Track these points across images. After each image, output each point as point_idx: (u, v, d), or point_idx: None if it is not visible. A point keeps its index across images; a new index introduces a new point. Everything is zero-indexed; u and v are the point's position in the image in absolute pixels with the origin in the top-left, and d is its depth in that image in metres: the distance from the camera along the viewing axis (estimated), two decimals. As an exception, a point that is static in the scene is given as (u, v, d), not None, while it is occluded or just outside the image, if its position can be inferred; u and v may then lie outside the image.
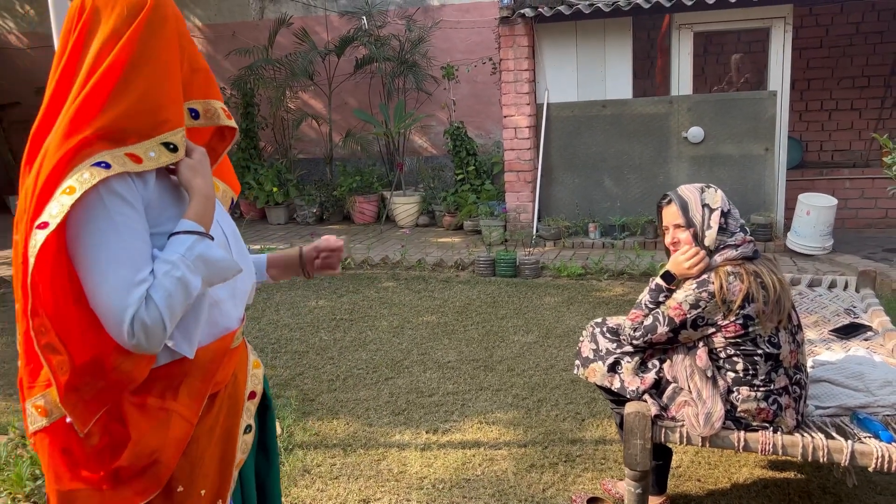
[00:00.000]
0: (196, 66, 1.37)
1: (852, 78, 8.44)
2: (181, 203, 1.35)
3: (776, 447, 2.36)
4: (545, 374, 4.25)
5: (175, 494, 1.34)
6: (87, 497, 1.28)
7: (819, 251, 6.66)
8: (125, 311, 1.18)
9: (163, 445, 1.29)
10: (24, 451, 3.30)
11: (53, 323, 1.19)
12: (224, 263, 1.31)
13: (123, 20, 1.25)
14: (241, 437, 1.46)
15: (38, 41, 11.24)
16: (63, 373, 1.20)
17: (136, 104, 1.24)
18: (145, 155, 1.24)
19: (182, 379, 1.33)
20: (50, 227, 1.15)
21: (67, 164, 1.18)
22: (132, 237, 1.21)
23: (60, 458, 1.29)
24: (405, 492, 3.05)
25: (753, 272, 2.36)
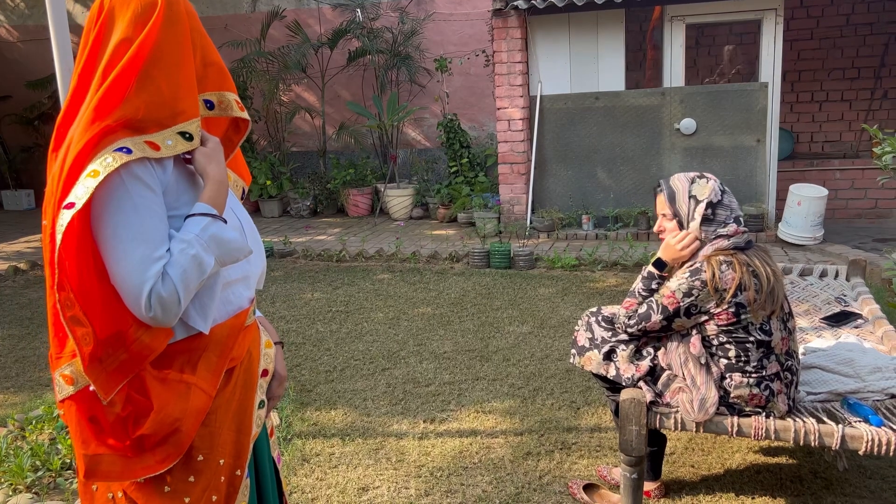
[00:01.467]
0: (209, 60, 1.44)
1: (842, 69, 8.50)
2: (196, 188, 1.42)
3: (769, 432, 2.40)
4: (540, 363, 4.29)
5: (195, 463, 1.41)
6: (111, 462, 1.36)
7: (810, 241, 6.73)
8: (143, 285, 1.26)
9: (183, 415, 1.36)
10: (24, 442, 3.33)
11: (78, 297, 1.27)
12: (236, 244, 1.39)
13: (139, 17, 1.32)
14: (255, 410, 1.53)
15: (28, 34, 11.18)
16: (87, 344, 1.28)
17: (154, 96, 1.31)
18: (163, 143, 1.32)
19: (200, 354, 1.41)
20: (76, 207, 1.23)
21: (92, 150, 1.26)
22: (151, 217, 1.29)
23: (87, 424, 1.37)
24: (403, 479, 3.09)
25: (745, 262, 2.41)
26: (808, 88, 8.67)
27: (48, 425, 3.42)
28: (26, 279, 6.87)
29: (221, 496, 1.44)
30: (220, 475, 1.44)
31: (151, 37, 1.32)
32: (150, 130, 1.31)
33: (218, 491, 1.44)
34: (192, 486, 1.41)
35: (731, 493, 2.92)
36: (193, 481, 1.41)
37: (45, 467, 3.11)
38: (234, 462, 1.46)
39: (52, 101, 10.77)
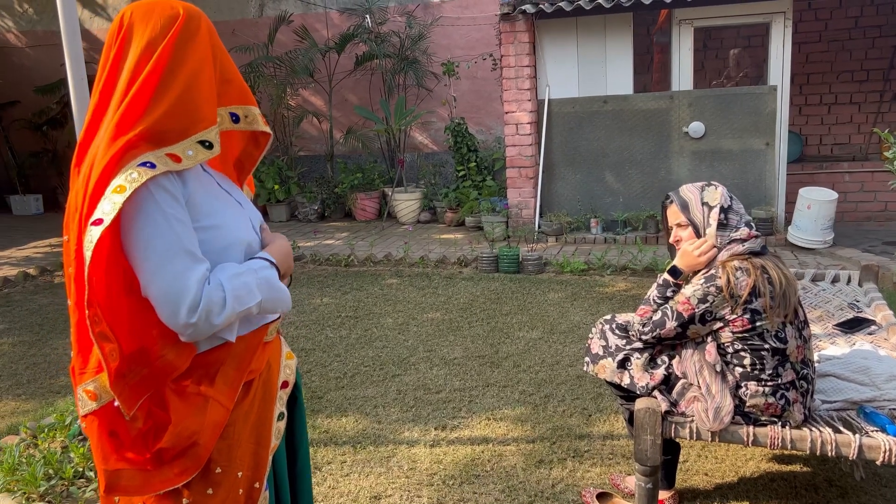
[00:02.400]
0: (228, 76, 1.46)
1: (851, 72, 8.46)
2: (215, 198, 1.44)
3: (785, 441, 2.39)
4: (551, 370, 4.28)
5: (213, 475, 1.41)
6: (130, 476, 1.38)
7: (820, 245, 6.70)
8: (185, 293, 1.28)
9: (201, 428, 1.37)
10: (37, 451, 3.33)
11: (105, 313, 1.29)
12: (283, 296, 1.45)
13: (159, 32, 1.34)
14: (274, 423, 1.53)
15: (36, 40, 11.23)
16: (113, 359, 1.30)
17: (173, 106, 1.32)
18: (184, 154, 1.33)
19: (218, 367, 1.41)
20: (104, 224, 1.25)
21: (115, 166, 1.27)
22: (183, 229, 1.31)
23: (108, 439, 1.39)
24: (416, 488, 3.08)
25: (761, 266, 2.39)
26: (816, 91, 8.64)
27: (60, 433, 3.43)
28: (35, 285, 6.88)
29: None
30: (239, 488, 1.44)
31: (169, 50, 1.33)
32: (171, 142, 1.33)
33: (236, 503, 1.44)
34: (210, 498, 1.41)
35: (745, 501, 2.90)
36: (212, 493, 1.41)
37: (57, 476, 3.11)
38: (252, 475, 1.46)
39: (61, 106, 10.82)
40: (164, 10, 1.37)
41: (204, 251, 1.38)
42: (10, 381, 4.49)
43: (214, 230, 1.40)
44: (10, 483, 3.09)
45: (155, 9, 1.38)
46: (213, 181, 1.51)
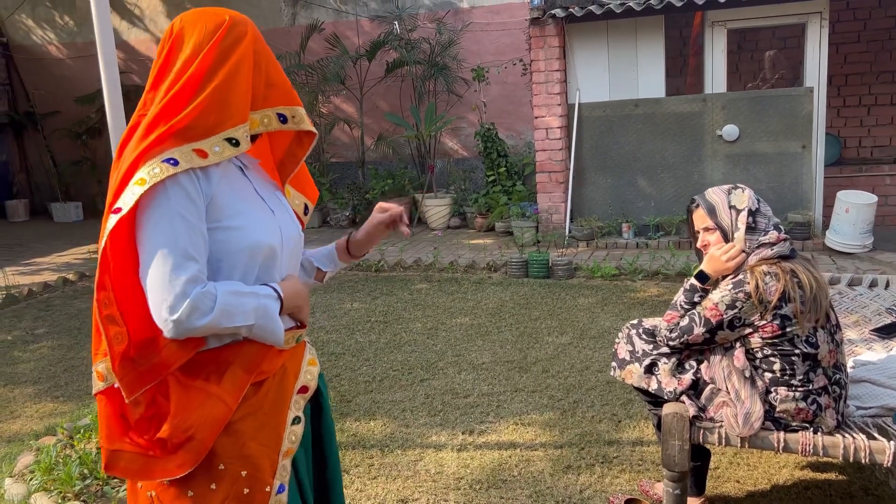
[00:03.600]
0: (273, 80, 1.49)
1: (891, 72, 8.28)
2: (243, 200, 1.47)
3: (817, 448, 2.34)
4: (580, 375, 4.25)
5: (216, 471, 1.42)
6: (131, 459, 1.41)
7: (859, 249, 6.55)
8: (167, 291, 1.31)
9: (199, 423, 1.38)
10: (73, 451, 3.39)
11: (117, 297, 1.35)
12: (276, 328, 1.46)
13: (204, 37, 1.40)
14: (288, 427, 1.52)
15: (76, 51, 11.53)
16: (118, 343, 1.35)
17: (204, 104, 1.37)
18: (210, 150, 1.37)
19: (227, 367, 1.43)
20: (122, 212, 1.31)
21: (141, 159, 1.33)
22: (186, 229, 1.34)
23: (114, 420, 1.43)
24: (443, 492, 3.08)
25: (790, 271, 2.35)
26: (855, 92, 8.46)
27: (95, 434, 3.49)
28: (74, 290, 7.05)
29: None
30: (243, 487, 1.44)
31: (211, 53, 1.39)
32: (198, 137, 1.37)
33: (240, 502, 1.44)
34: (213, 493, 1.42)
35: (778, 509, 2.85)
36: (215, 489, 1.42)
37: (92, 476, 3.18)
38: (259, 475, 1.46)
39: (100, 115, 11.07)
40: (212, 18, 1.43)
41: (222, 251, 1.41)
42: (48, 384, 4.60)
43: (234, 231, 1.42)
44: (48, 482, 3.16)
45: (202, 17, 1.44)
46: (251, 186, 1.53)
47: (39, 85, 11.60)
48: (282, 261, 1.54)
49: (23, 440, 3.76)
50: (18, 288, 6.77)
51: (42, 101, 11.57)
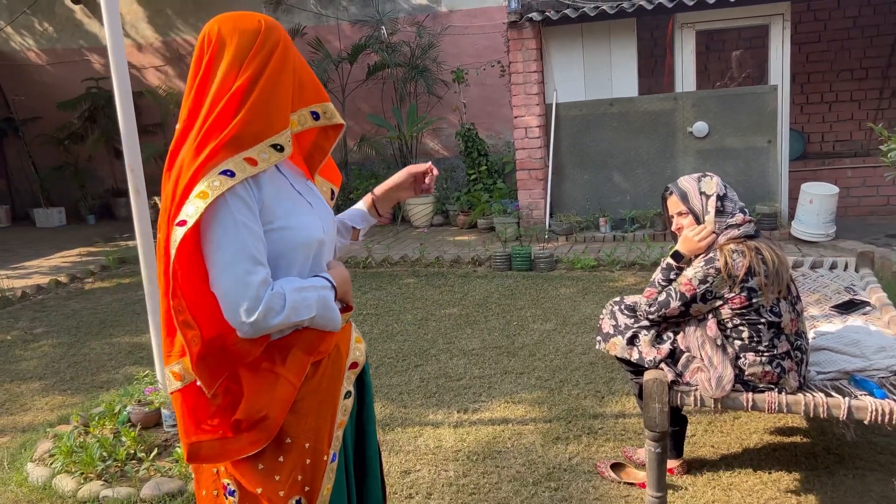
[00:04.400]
0: (303, 80, 1.61)
1: (851, 70, 8.69)
2: (289, 201, 1.59)
3: (781, 406, 2.61)
4: (565, 357, 4.52)
5: (284, 445, 1.57)
6: (210, 447, 1.55)
7: (822, 238, 6.91)
8: (243, 296, 1.43)
9: (270, 403, 1.53)
10: (89, 437, 3.58)
11: (189, 304, 1.46)
12: (335, 316, 1.59)
13: (245, 47, 1.50)
14: (341, 400, 1.68)
15: (56, 57, 11.59)
16: (195, 344, 1.47)
17: (251, 114, 1.48)
18: (259, 157, 1.49)
19: (289, 350, 1.57)
20: (188, 225, 1.41)
21: (200, 172, 1.44)
22: (250, 236, 1.46)
23: (189, 415, 1.56)
24: (442, 463, 3.33)
25: (755, 248, 2.63)
26: (817, 90, 8.86)
27: (110, 421, 3.68)
28: (67, 291, 7.18)
29: (307, 476, 1.59)
30: (306, 457, 1.59)
31: (252, 64, 1.49)
32: (247, 146, 1.47)
33: (304, 471, 1.59)
34: (281, 465, 1.57)
35: (748, 468, 3.13)
36: (282, 461, 1.57)
37: (111, 458, 3.37)
38: (319, 446, 1.61)
39: (82, 120, 11.17)
40: (248, 25, 1.52)
41: (276, 250, 1.52)
42: (54, 378, 4.77)
43: (286, 231, 1.53)
44: (69, 465, 3.35)
45: (238, 24, 1.51)
46: (287, 182, 1.62)
47: (19, 91, 11.64)
48: (327, 250, 1.67)
49: (37, 430, 3.93)
50: (11, 291, 6.88)
51: (22, 107, 11.60)
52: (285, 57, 1.55)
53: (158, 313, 3.61)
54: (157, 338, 3.64)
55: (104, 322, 6.01)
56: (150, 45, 11.29)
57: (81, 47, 11.53)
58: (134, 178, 3.52)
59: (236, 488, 1.59)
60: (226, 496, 1.60)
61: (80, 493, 3.17)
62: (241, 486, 1.58)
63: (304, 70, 1.62)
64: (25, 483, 3.34)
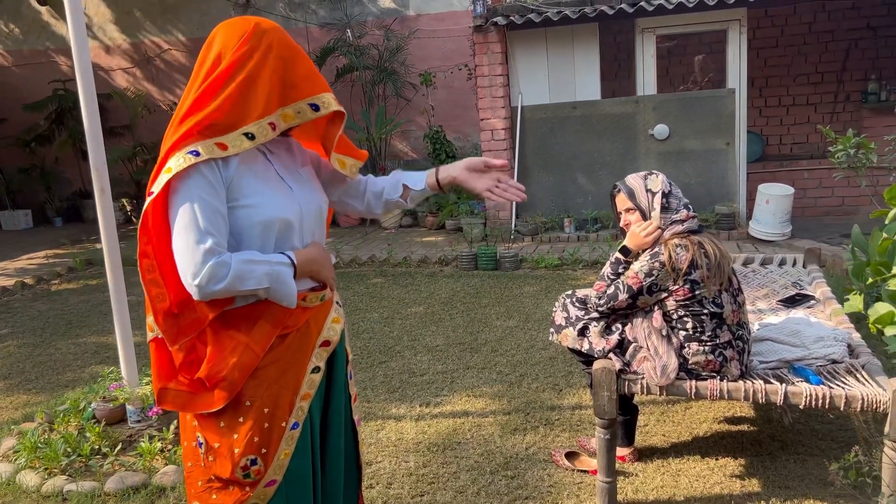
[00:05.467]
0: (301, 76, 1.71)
1: (807, 75, 8.94)
2: (258, 181, 1.72)
3: (722, 392, 2.75)
4: (526, 353, 4.63)
5: (244, 406, 1.72)
6: (176, 395, 1.72)
7: (779, 237, 7.12)
8: (189, 260, 1.59)
9: (231, 367, 1.68)
10: (54, 433, 3.61)
11: (158, 264, 1.65)
12: (289, 290, 1.70)
13: (227, 45, 1.66)
14: (308, 374, 1.81)
15: (22, 58, 11.47)
16: (160, 301, 1.65)
17: (225, 105, 1.62)
18: (230, 143, 1.64)
19: (256, 321, 1.71)
20: (153, 195, 1.61)
21: (171, 151, 1.62)
22: (204, 209, 1.61)
23: (164, 363, 1.74)
24: (403, 455, 3.42)
25: (697, 242, 2.77)
26: (775, 94, 9.10)
27: (74, 418, 3.72)
28: (34, 293, 7.15)
29: (263, 439, 1.73)
30: (264, 421, 1.73)
31: (232, 59, 1.63)
32: (219, 133, 1.62)
33: (261, 434, 1.73)
34: (240, 425, 1.72)
35: (697, 455, 3.26)
36: (242, 421, 1.72)
37: (76, 453, 3.41)
38: (278, 413, 1.74)
39: (48, 122, 11.06)
40: (238, 27, 1.67)
41: (240, 226, 1.67)
42: (19, 378, 4.77)
43: (249, 209, 1.67)
44: (33, 461, 3.39)
45: (232, 25, 1.68)
46: (272, 169, 1.78)
47: (-16, 93, 11.51)
48: (302, 230, 1.79)
49: (1, 428, 3.95)
50: (-25, 293, 6.84)
51: (-13, 109, 11.48)
52: (272, 54, 1.67)
53: (124, 311, 3.68)
54: (123, 336, 3.69)
55: (70, 322, 6.01)
56: (118, 46, 11.23)
57: (48, 49, 11.44)
58: (99, 177, 3.57)
59: (204, 441, 1.75)
60: (198, 447, 1.76)
61: (43, 488, 3.21)
62: (206, 439, 1.74)
63: (304, 66, 1.73)
64: (-11, 480, 3.36)
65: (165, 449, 3.41)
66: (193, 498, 1.80)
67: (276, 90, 1.69)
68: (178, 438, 3.47)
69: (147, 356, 4.62)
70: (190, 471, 1.80)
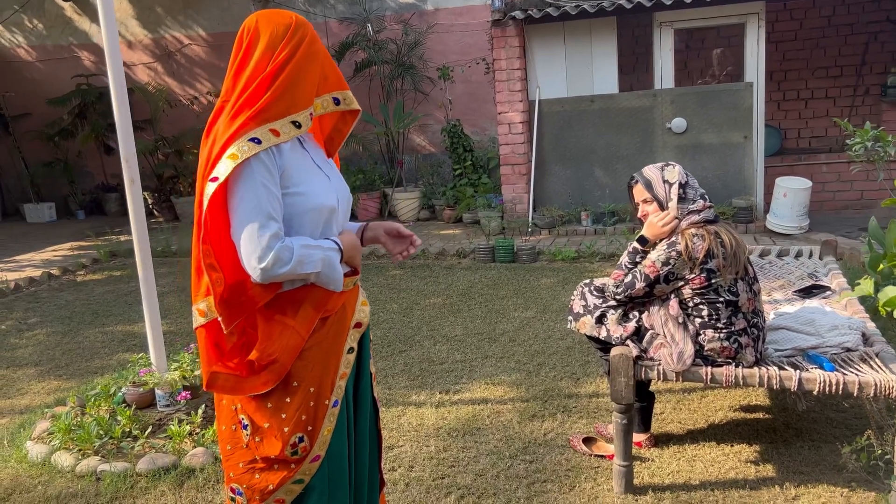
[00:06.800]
0: (328, 72, 1.85)
1: (826, 68, 8.92)
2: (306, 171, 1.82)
3: (738, 379, 2.81)
4: (544, 343, 4.70)
5: (291, 387, 1.81)
6: (226, 379, 1.80)
7: (796, 230, 7.13)
8: (255, 244, 1.67)
9: (280, 349, 1.76)
10: (86, 416, 3.73)
11: (215, 249, 1.71)
12: (338, 275, 1.82)
13: (277, 38, 1.75)
14: (344, 354, 1.91)
15: (46, 54, 11.67)
16: (218, 285, 1.72)
17: (279, 94, 1.73)
18: (282, 129, 1.73)
19: (300, 304, 1.80)
20: (219, 181, 1.67)
21: (233, 138, 1.69)
22: (267, 195, 1.70)
23: (212, 348, 1.81)
24: (424, 439, 3.50)
25: (714, 232, 2.82)
26: (794, 87, 9.09)
27: (105, 402, 3.84)
28: (60, 283, 7.31)
29: (310, 417, 1.83)
30: (310, 400, 1.83)
31: (283, 52, 1.74)
32: (272, 119, 1.72)
33: (307, 412, 1.82)
34: (287, 405, 1.81)
35: (712, 441, 3.33)
36: (289, 402, 1.81)
37: (108, 435, 3.53)
38: (322, 392, 1.84)
39: (72, 117, 11.24)
40: (282, 19, 1.77)
41: (290, 212, 1.75)
42: (49, 365, 4.91)
43: (300, 196, 1.77)
44: (67, 443, 3.51)
45: (274, 18, 1.77)
46: (309, 157, 1.86)
47: (9, 87, 11.70)
48: (338, 218, 1.90)
49: (34, 411, 4.08)
50: (4, 283, 7.00)
51: (12, 104, 11.66)
52: (311, 48, 1.79)
53: (153, 299, 3.79)
54: (152, 323, 3.80)
55: (97, 312, 6.15)
56: (140, 42, 11.39)
57: (71, 44, 11.62)
58: (129, 168, 3.67)
59: (249, 423, 1.82)
60: (242, 429, 1.84)
61: (77, 469, 3.33)
62: (252, 421, 1.82)
63: (330, 62, 1.87)
64: (25, 460, 3.49)
65: (194, 432, 3.52)
66: (233, 480, 1.88)
67: (315, 81, 1.80)
68: (206, 422, 3.59)
69: (175, 343, 4.76)
70: (229, 454, 1.87)
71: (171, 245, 8.32)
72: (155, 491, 3.15)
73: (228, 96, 1.76)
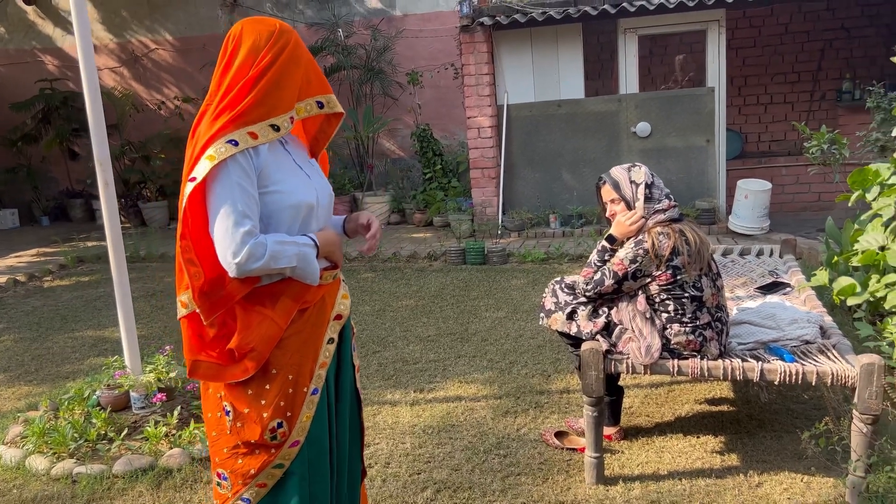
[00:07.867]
0: (311, 77, 1.92)
1: (784, 74, 9.20)
2: (284, 170, 1.90)
3: (703, 371, 2.92)
4: (515, 342, 4.80)
5: (270, 375, 1.89)
6: (207, 367, 1.88)
7: (758, 231, 7.34)
8: (229, 241, 1.75)
9: (258, 339, 1.84)
10: (61, 420, 3.72)
11: (194, 245, 1.79)
12: (313, 271, 1.89)
13: (260, 44, 1.82)
14: (324, 344, 1.99)
15: (9, 58, 11.48)
16: (197, 279, 1.79)
17: (258, 97, 1.79)
18: (260, 133, 1.81)
19: (279, 297, 1.88)
20: (197, 181, 1.76)
21: (212, 140, 1.76)
22: (242, 194, 1.78)
23: (195, 337, 1.88)
24: (399, 437, 3.57)
25: (679, 230, 2.94)
26: (754, 92, 9.35)
27: (79, 406, 3.82)
28: (26, 289, 7.21)
29: (288, 403, 1.90)
30: (288, 387, 1.90)
31: (265, 58, 1.81)
32: (252, 123, 1.79)
33: (286, 399, 1.90)
34: (267, 392, 1.88)
35: (679, 433, 3.44)
36: (268, 388, 1.88)
37: (83, 438, 3.52)
38: (300, 379, 1.91)
39: (35, 122, 11.06)
40: (265, 27, 1.84)
41: (268, 210, 1.83)
42: (19, 370, 4.87)
43: (279, 194, 1.85)
44: (41, 446, 3.50)
45: (258, 25, 1.84)
46: (290, 157, 1.95)
47: (-30, 92, 11.50)
48: (318, 215, 1.97)
49: (6, 416, 4.05)
50: (-32, 290, 6.89)
51: (-27, 109, 11.46)
52: (294, 54, 1.86)
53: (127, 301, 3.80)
54: (127, 325, 3.80)
55: (66, 318, 6.09)
56: (105, 46, 11.27)
57: (34, 48, 11.45)
58: (103, 171, 3.69)
59: (231, 409, 1.89)
60: (226, 416, 1.91)
61: (53, 472, 3.33)
62: (234, 407, 1.89)
63: (314, 67, 1.94)
64: (-2, 465, 3.47)
65: (170, 433, 3.54)
66: (218, 466, 1.95)
67: (297, 87, 1.87)
68: (182, 423, 3.60)
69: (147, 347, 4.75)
70: (215, 440, 1.95)
71: (140, 250, 8.25)
72: (132, 492, 3.17)
73: (212, 99, 1.83)
